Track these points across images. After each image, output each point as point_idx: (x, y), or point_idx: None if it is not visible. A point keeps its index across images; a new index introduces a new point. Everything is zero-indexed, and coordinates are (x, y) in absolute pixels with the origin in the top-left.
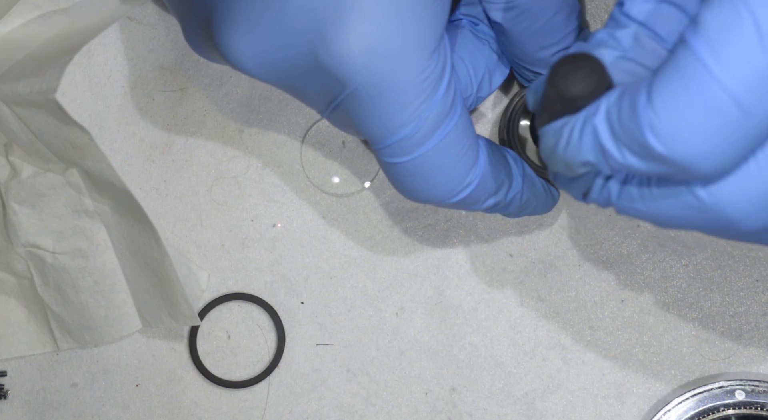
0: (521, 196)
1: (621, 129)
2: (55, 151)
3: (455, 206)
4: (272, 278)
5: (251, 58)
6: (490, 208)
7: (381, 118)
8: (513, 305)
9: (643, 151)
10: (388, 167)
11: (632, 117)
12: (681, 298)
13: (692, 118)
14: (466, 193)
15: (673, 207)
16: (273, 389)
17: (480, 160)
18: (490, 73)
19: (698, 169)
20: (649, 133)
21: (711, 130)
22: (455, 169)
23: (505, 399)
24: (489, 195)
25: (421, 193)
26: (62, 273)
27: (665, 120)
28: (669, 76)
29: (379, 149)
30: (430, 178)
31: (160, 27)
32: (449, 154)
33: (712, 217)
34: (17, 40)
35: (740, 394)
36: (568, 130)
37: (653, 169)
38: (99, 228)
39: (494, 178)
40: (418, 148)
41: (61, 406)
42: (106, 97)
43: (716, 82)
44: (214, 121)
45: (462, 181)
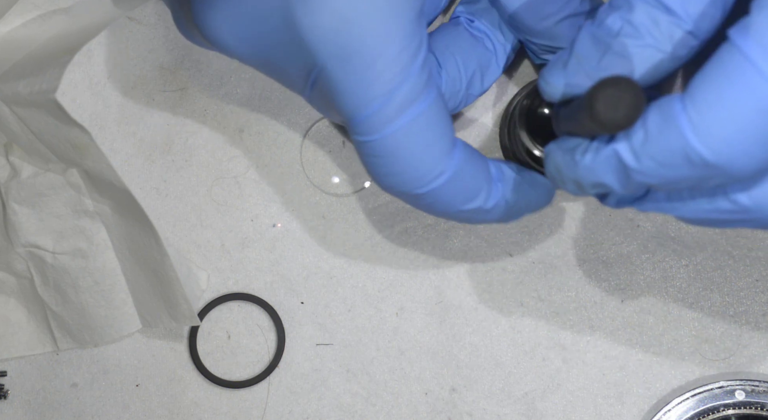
0: (505, 202)
1: (649, 144)
2: (55, 151)
3: (432, 206)
4: (272, 278)
5: (228, 33)
6: (473, 214)
7: (352, 90)
8: (513, 305)
9: (679, 158)
10: (361, 148)
11: (665, 127)
12: (681, 298)
13: (738, 117)
14: (438, 183)
15: (707, 211)
16: (273, 389)
17: (455, 154)
18: (482, 71)
19: (741, 171)
20: (690, 134)
21: (757, 129)
22: (426, 155)
23: (505, 399)
24: (466, 197)
25: (391, 178)
26: (62, 273)
27: (710, 119)
28: (714, 77)
29: (352, 128)
30: (399, 160)
31: (160, 27)
32: (420, 138)
33: (752, 218)
34: (17, 40)
35: (740, 394)
36: (581, 151)
37: (688, 175)
38: (99, 228)
39: (472, 178)
40: (389, 125)
41: (61, 406)
42: (106, 97)
43: (764, 79)
44: (214, 121)
45: (433, 168)
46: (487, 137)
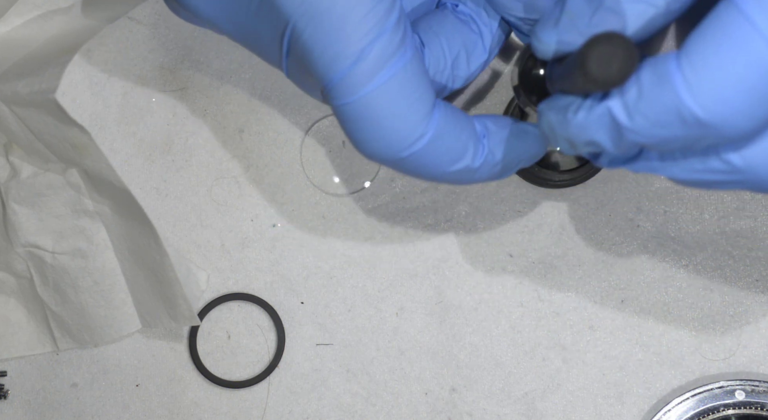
0: (493, 157)
1: (642, 102)
2: (55, 151)
3: (419, 170)
4: (272, 278)
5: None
6: (462, 174)
7: (324, 49)
8: (513, 305)
9: (672, 117)
10: (340, 113)
11: (659, 85)
12: (681, 298)
13: (734, 75)
14: (421, 145)
15: (699, 171)
16: (273, 389)
17: (436, 114)
18: (467, 52)
19: (733, 130)
20: (684, 92)
21: (753, 88)
22: (405, 116)
23: (505, 399)
24: (452, 157)
25: (373, 144)
26: (62, 273)
27: (705, 77)
28: (710, 33)
29: (329, 92)
30: (378, 123)
31: (160, 27)
32: (398, 98)
33: (744, 179)
34: (17, 40)
35: (740, 394)
36: (574, 109)
37: (681, 135)
38: (98, 228)
39: (456, 137)
40: (364, 86)
41: (61, 406)
42: (106, 97)
43: (762, 37)
44: (214, 121)
45: (413, 130)
46: None
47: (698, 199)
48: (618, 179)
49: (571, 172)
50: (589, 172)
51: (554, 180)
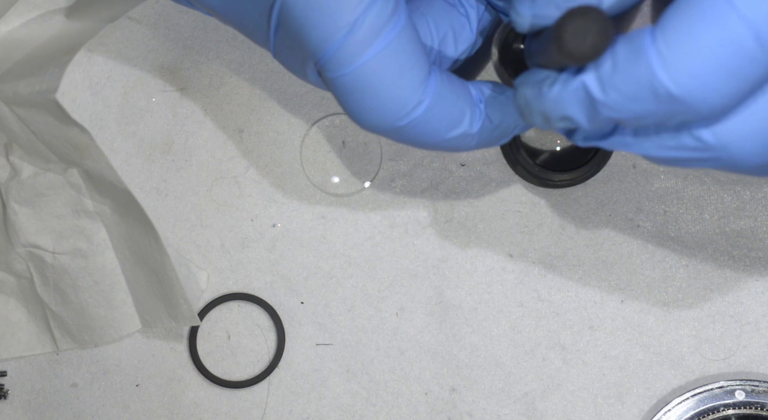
0: (490, 123)
1: (617, 76)
2: (55, 151)
3: (417, 138)
4: (272, 278)
5: None
6: (460, 140)
7: (316, 22)
8: (513, 305)
9: (646, 91)
10: (335, 87)
11: (634, 59)
12: (681, 298)
13: (709, 51)
14: (419, 113)
15: (672, 148)
16: (273, 389)
17: (431, 81)
18: (455, 34)
19: (706, 106)
20: (658, 66)
21: (726, 64)
22: (401, 84)
23: (504, 399)
24: (450, 124)
25: (371, 114)
26: (62, 273)
27: (678, 52)
28: (685, 9)
29: (323, 65)
30: (375, 93)
31: (160, 27)
32: (393, 67)
33: (715, 156)
34: (17, 40)
35: (740, 394)
36: (549, 83)
37: (654, 110)
38: (99, 228)
39: (453, 103)
40: (359, 57)
41: (61, 406)
42: (106, 97)
43: (738, 14)
44: (214, 121)
45: (411, 98)
46: None
47: (698, 199)
48: (618, 179)
49: (571, 172)
50: (589, 172)
51: (554, 180)
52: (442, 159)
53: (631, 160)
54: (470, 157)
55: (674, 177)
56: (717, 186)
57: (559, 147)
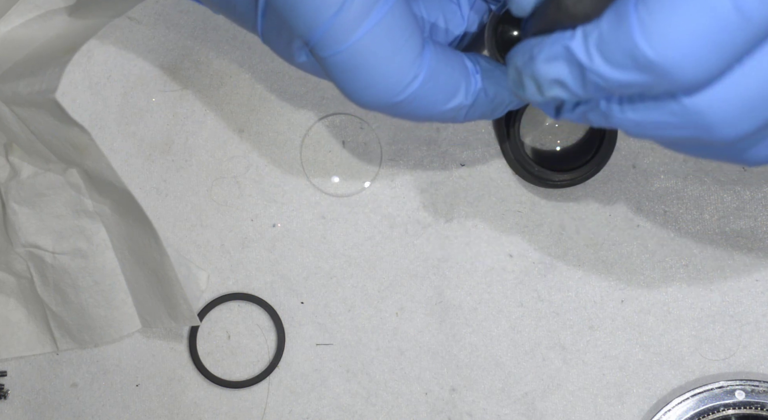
0: (486, 95)
1: (602, 42)
2: (55, 151)
3: (414, 112)
4: (272, 278)
5: None
6: (456, 112)
7: (306, 3)
8: (513, 305)
9: (627, 59)
10: (330, 66)
11: (617, 25)
12: (681, 298)
13: (688, 20)
14: (415, 87)
15: (653, 115)
16: (273, 389)
17: (426, 54)
18: (445, 19)
19: (686, 75)
20: (638, 34)
21: (706, 34)
22: (396, 59)
23: (504, 399)
24: (446, 96)
25: (367, 91)
26: (62, 273)
27: (659, 20)
28: None
29: (315, 44)
30: (370, 70)
31: (160, 27)
32: (387, 42)
33: (692, 123)
34: (17, 40)
35: (740, 394)
36: (539, 47)
37: (636, 79)
38: (98, 228)
39: (448, 76)
40: (352, 34)
41: (61, 406)
42: (106, 97)
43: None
44: (214, 121)
45: (406, 73)
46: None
47: (698, 199)
48: (618, 179)
49: (571, 172)
50: (589, 172)
51: (554, 180)
52: (442, 159)
53: (631, 160)
54: (470, 157)
55: (674, 177)
56: (717, 186)
57: (559, 147)
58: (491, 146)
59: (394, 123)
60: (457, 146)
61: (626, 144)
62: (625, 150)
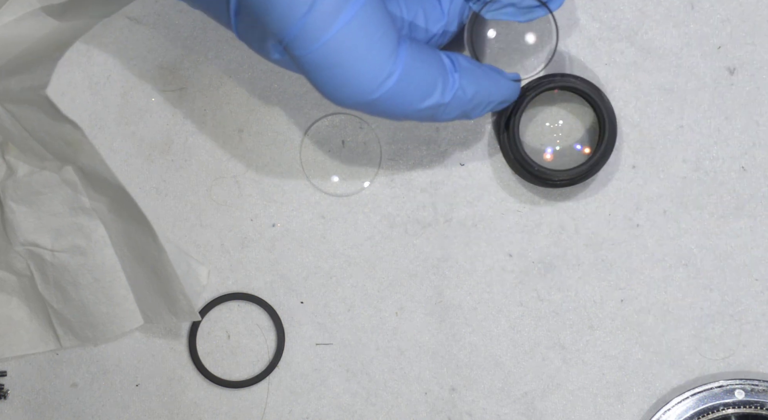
0: (464, 93)
1: None
2: (49, 149)
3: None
4: (272, 278)
5: None
6: (434, 111)
7: (278, 2)
8: (513, 305)
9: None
10: (305, 64)
11: None
12: (681, 298)
13: None
14: (390, 84)
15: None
16: (273, 389)
17: (401, 51)
18: (425, 15)
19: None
20: None
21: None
22: (370, 57)
23: (504, 398)
24: (423, 94)
25: (343, 89)
26: (62, 271)
27: None
28: None
29: (290, 43)
30: (344, 68)
31: (160, 27)
32: (361, 39)
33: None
34: (8, 38)
35: (740, 393)
36: None
37: None
38: (96, 225)
39: (425, 73)
40: (325, 32)
41: (61, 406)
42: (106, 97)
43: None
44: (214, 121)
45: (381, 70)
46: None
47: (698, 199)
48: (618, 179)
49: (571, 171)
50: (589, 172)
51: (554, 180)
52: (442, 159)
53: (631, 160)
54: (470, 156)
55: (674, 177)
56: (717, 186)
57: (559, 147)
58: (491, 146)
59: (394, 123)
60: (457, 146)
61: (626, 144)
62: (625, 150)
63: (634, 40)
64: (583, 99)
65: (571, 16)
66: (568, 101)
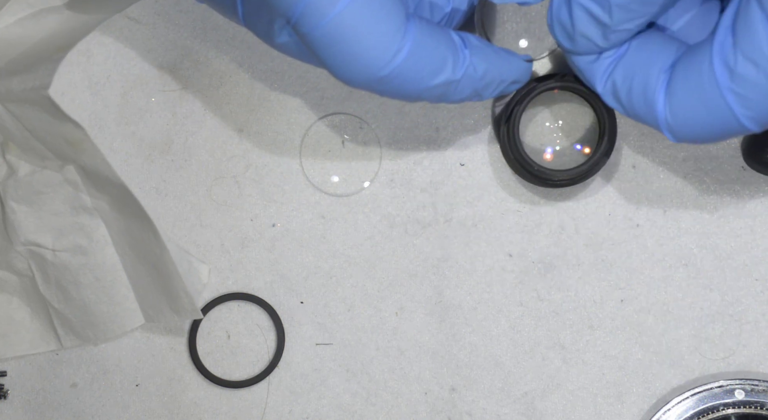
0: (474, 71)
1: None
2: (51, 148)
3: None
4: (272, 278)
5: None
6: (445, 88)
7: None
8: (512, 305)
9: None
10: (312, 40)
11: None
12: (681, 298)
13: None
14: (400, 60)
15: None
16: (273, 389)
17: (410, 27)
18: (430, 1)
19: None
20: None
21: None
22: (378, 32)
23: (504, 399)
24: (433, 70)
25: (352, 66)
26: (63, 270)
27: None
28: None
29: (298, 21)
30: (353, 43)
31: (160, 27)
32: (368, 15)
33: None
34: (10, 39)
35: (740, 393)
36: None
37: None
38: (98, 224)
39: (434, 49)
40: (333, 7)
41: (61, 406)
42: (106, 97)
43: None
44: (214, 121)
45: (390, 45)
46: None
47: (698, 199)
48: (618, 179)
49: (571, 171)
50: (589, 172)
51: (554, 180)
52: (442, 159)
53: (631, 160)
54: (470, 156)
55: (674, 177)
56: (717, 186)
57: (558, 147)
58: (491, 146)
59: (394, 123)
60: (457, 146)
61: (626, 144)
62: (625, 150)
63: None
64: (583, 99)
65: None
66: (568, 101)
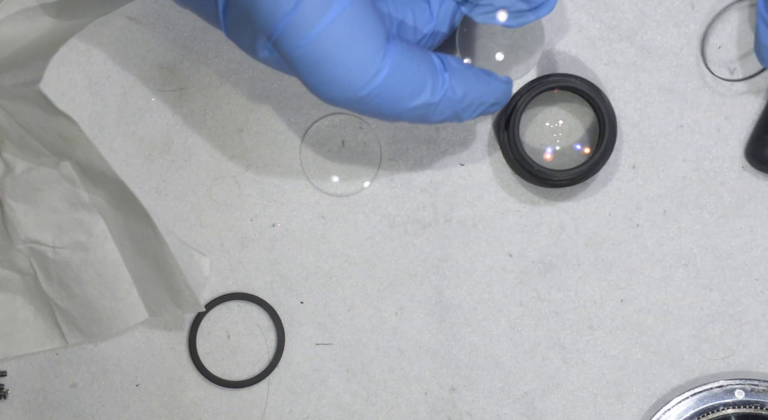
0: (454, 93)
1: None
2: (46, 144)
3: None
4: (272, 278)
5: None
6: (424, 110)
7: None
8: (512, 305)
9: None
10: (292, 59)
11: None
12: (681, 298)
13: None
14: (379, 81)
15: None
16: (273, 389)
17: (390, 49)
18: (414, 16)
19: None
20: None
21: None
22: (358, 53)
23: (504, 398)
24: (412, 92)
25: (331, 86)
26: (64, 267)
27: None
28: None
29: (277, 39)
30: (333, 63)
31: (159, 27)
32: (348, 36)
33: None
34: (2, 36)
35: (740, 393)
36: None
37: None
38: (97, 220)
39: (414, 71)
40: (313, 27)
41: (61, 406)
42: (106, 97)
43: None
44: (214, 121)
45: (369, 66)
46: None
47: (698, 199)
48: (618, 179)
49: (571, 171)
50: (589, 172)
51: (554, 180)
52: (442, 159)
53: (631, 160)
54: (470, 156)
55: (674, 177)
56: (717, 185)
57: (559, 147)
58: (491, 146)
59: (394, 123)
60: (457, 146)
61: (626, 144)
62: (625, 150)
63: (634, 40)
64: (583, 99)
65: (572, 16)
66: (568, 101)
